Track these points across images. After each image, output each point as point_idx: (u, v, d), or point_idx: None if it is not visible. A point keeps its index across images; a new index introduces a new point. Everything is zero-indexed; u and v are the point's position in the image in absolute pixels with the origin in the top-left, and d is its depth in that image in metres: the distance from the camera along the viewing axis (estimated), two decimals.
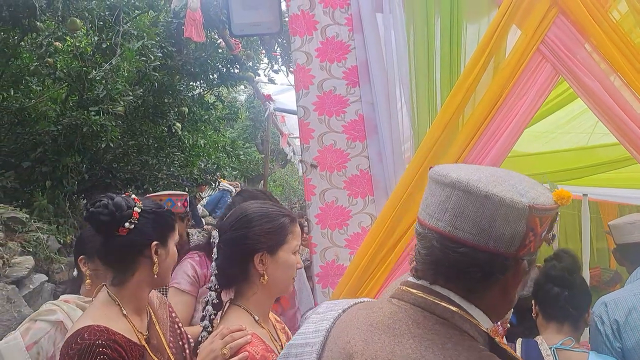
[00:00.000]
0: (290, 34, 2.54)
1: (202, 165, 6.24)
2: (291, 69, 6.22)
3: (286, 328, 1.77)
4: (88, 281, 1.99)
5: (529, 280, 1.13)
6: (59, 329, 1.83)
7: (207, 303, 1.58)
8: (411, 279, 1.10)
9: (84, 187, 5.19)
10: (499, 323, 2.01)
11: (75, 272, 2.19)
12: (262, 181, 8.46)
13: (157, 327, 1.67)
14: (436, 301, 1.02)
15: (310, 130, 2.51)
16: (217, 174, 6.52)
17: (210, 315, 1.57)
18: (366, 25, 2.43)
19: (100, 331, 1.44)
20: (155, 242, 1.58)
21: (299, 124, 2.56)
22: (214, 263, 1.58)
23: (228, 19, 2.94)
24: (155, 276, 1.59)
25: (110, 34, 4.53)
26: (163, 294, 2.80)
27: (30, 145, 4.93)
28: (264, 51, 6.16)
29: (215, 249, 1.59)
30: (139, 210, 1.58)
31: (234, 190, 9.62)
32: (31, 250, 3.59)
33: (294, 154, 9.65)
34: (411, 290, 1.06)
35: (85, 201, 5.26)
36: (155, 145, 5.70)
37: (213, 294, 1.57)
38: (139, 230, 1.56)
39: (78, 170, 4.91)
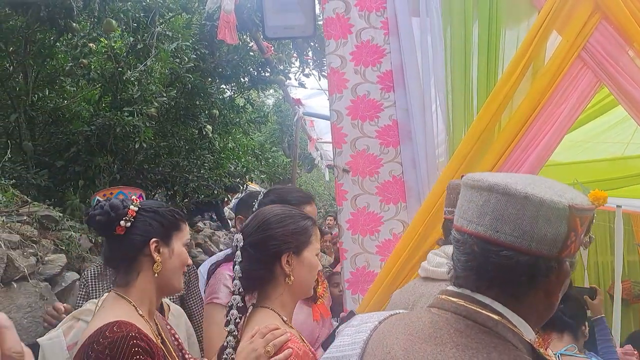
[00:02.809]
0: (324, 37, 2.53)
1: (232, 168, 6.27)
2: (323, 73, 6.21)
3: None
4: None
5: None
6: None
7: (231, 307, 1.57)
8: (451, 287, 1.08)
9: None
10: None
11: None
12: (291, 185, 8.46)
13: (164, 334, 1.66)
14: (478, 309, 1.01)
15: (343, 135, 2.48)
16: (246, 177, 6.54)
17: (235, 319, 1.56)
18: (402, 29, 2.40)
19: (130, 324, 1.40)
20: (154, 239, 1.57)
21: (331, 128, 2.54)
22: (237, 266, 1.57)
23: (261, 22, 2.94)
24: (156, 275, 1.56)
25: (146, 35, 4.60)
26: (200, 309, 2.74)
27: (64, 144, 5.03)
28: (295, 54, 6.16)
29: (238, 252, 1.58)
30: (136, 209, 1.58)
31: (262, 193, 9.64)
32: (64, 248, 3.65)
33: (321, 158, 9.64)
34: (451, 299, 1.05)
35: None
36: (186, 147, 5.75)
37: (237, 297, 1.56)
38: (138, 228, 1.56)
39: (110, 170, 4.99)
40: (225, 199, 8.63)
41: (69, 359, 1.70)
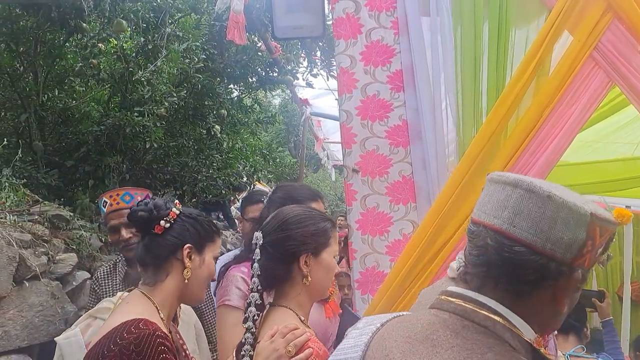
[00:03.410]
0: (334, 37, 2.53)
1: (240, 168, 6.29)
2: (331, 73, 6.20)
3: None
4: None
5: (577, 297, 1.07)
6: None
7: (249, 304, 1.58)
8: (451, 287, 1.08)
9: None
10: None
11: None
12: (299, 183, 8.46)
13: (176, 343, 1.67)
14: (476, 309, 1.00)
15: (353, 135, 2.48)
16: (254, 177, 6.56)
17: (253, 316, 1.57)
18: (412, 29, 2.40)
19: (154, 324, 1.41)
20: (188, 245, 1.60)
21: (340, 129, 2.54)
22: (255, 264, 1.59)
23: (271, 22, 2.95)
24: (186, 282, 1.58)
25: (156, 35, 4.61)
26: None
27: (73, 144, 5.06)
28: (304, 54, 6.17)
29: (257, 250, 1.60)
30: (177, 212, 1.62)
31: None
32: (74, 247, 3.67)
33: (328, 159, 9.64)
34: (450, 299, 1.05)
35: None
36: (195, 147, 5.77)
37: (256, 295, 1.57)
38: (175, 231, 1.60)
39: (119, 170, 5.01)
40: (232, 199, 8.66)
41: None
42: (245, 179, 6.72)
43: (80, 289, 3.58)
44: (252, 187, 7.31)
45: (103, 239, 4.25)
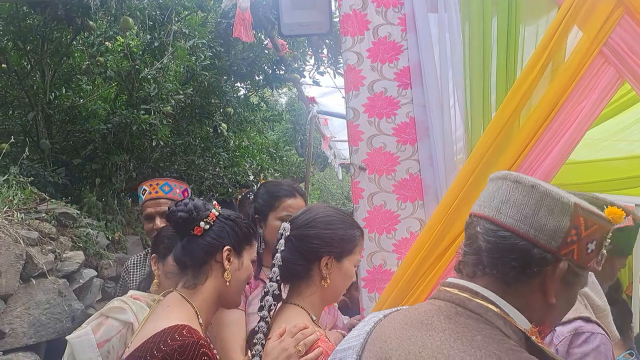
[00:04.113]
0: (340, 33, 2.51)
1: (247, 166, 6.29)
2: (338, 71, 6.18)
3: None
4: (156, 281, 1.99)
5: (575, 297, 1.12)
6: (130, 330, 1.77)
7: (266, 293, 1.58)
8: (450, 279, 1.13)
9: (131, 186, 5.30)
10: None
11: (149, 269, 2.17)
12: (304, 183, 8.45)
13: None
14: (470, 297, 1.05)
15: (360, 133, 2.47)
16: (260, 175, 6.56)
17: (269, 306, 1.57)
18: (420, 25, 2.38)
19: (197, 332, 1.39)
20: (227, 247, 1.58)
21: (347, 126, 2.53)
22: (278, 254, 1.59)
23: (277, 19, 2.94)
24: (227, 284, 1.56)
25: (162, 32, 4.62)
26: None
27: (80, 143, 5.07)
28: (310, 52, 6.15)
29: (282, 241, 1.60)
30: (217, 214, 1.61)
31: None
32: (81, 245, 3.68)
33: (335, 157, 9.63)
34: (447, 288, 1.10)
35: (131, 199, 5.38)
36: (202, 146, 5.77)
37: (274, 284, 1.58)
38: (214, 232, 1.58)
39: (126, 168, 5.02)
40: (237, 197, 8.67)
41: (99, 356, 1.69)
42: (251, 177, 6.73)
43: (87, 287, 3.59)
44: (258, 185, 7.31)
45: (110, 237, 4.26)
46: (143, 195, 2.75)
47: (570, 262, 1.01)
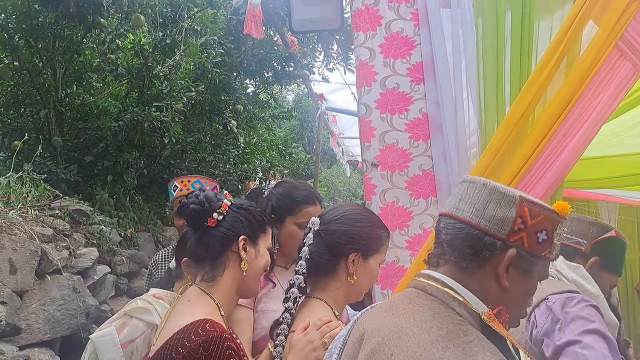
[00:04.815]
0: (352, 29, 2.50)
1: (257, 163, 6.30)
2: (348, 67, 6.16)
3: None
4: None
5: (534, 286, 1.23)
6: (154, 331, 1.72)
7: (292, 285, 1.59)
8: (422, 271, 1.27)
9: (142, 183, 5.33)
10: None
11: (172, 265, 2.13)
12: (313, 180, 8.45)
13: None
14: (430, 283, 1.18)
15: (372, 129, 2.46)
16: (270, 172, 6.57)
17: (295, 298, 1.58)
18: (432, 20, 2.36)
19: (220, 325, 1.39)
20: (243, 237, 1.56)
21: (359, 122, 2.52)
22: (305, 247, 1.60)
23: (288, 15, 2.93)
24: (244, 274, 1.55)
25: (174, 29, 4.63)
26: None
27: (92, 140, 5.10)
28: (320, 48, 6.14)
29: (310, 235, 1.61)
30: (229, 204, 1.58)
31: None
32: (95, 242, 3.71)
33: (343, 154, 9.62)
34: (416, 278, 1.25)
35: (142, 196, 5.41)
36: (212, 143, 5.78)
37: (300, 277, 1.59)
38: (228, 223, 1.56)
39: (137, 166, 5.04)
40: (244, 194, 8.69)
41: (123, 357, 1.66)
42: (261, 174, 6.74)
43: (101, 283, 3.61)
44: (267, 182, 7.33)
45: (122, 234, 4.28)
46: (174, 191, 2.78)
47: (521, 249, 1.14)
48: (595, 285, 2.03)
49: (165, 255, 2.85)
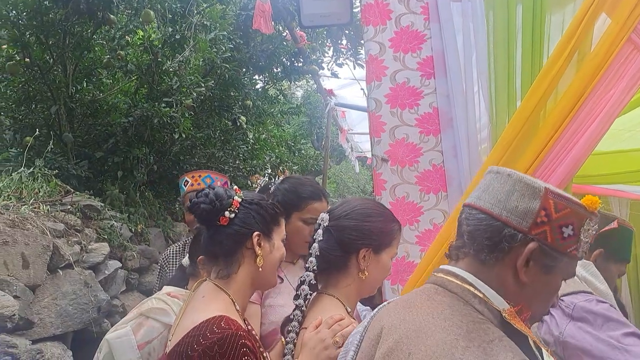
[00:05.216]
0: (362, 23, 2.49)
1: (266, 159, 6.31)
2: (358, 62, 6.14)
3: None
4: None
5: (557, 284, 1.17)
6: (170, 331, 1.67)
7: (302, 282, 1.59)
8: (441, 266, 1.23)
9: (152, 178, 5.35)
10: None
11: (185, 262, 2.12)
12: (322, 177, 8.44)
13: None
14: (450, 279, 1.15)
15: (382, 124, 2.45)
16: (279, 168, 6.57)
17: (305, 295, 1.57)
18: (442, 14, 2.35)
19: (235, 322, 1.37)
20: (257, 233, 1.54)
21: (369, 117, 2.51)
22: (315, 244, 1.59)
23: (297, 10, 2.93)
24: (260, 269, 1.54)
25: (184, 25, 4.63)
26: None
27: (102, 136, 5.13)
28: (329, 43, 6.12)
29: (320, 231, 1.60)
30: (240, 200, 1.56)
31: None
32: (106, 237, 3.73)
33: (352, 150, 9.59)
34: (435, 273, 1.22)
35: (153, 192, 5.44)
36: (222, 138, 5.79)
37: (311, 274, 1.58)
38: (241, 220, 1.54)
39: (147, 161, 5.06)
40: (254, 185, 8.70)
41: (140, 358, 1.64)
42: (269, 170, 6.75)
43: (112, 278, 3.64)
44: (276, 178, 7.33)
45: (132, 229, 4.31)
46: (185, 186, 2.79)
47: (543, 243, 1.09)
48: (604, 283, 2.01)
49: (176, 251, 2.86)
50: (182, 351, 1.32)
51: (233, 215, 1.54)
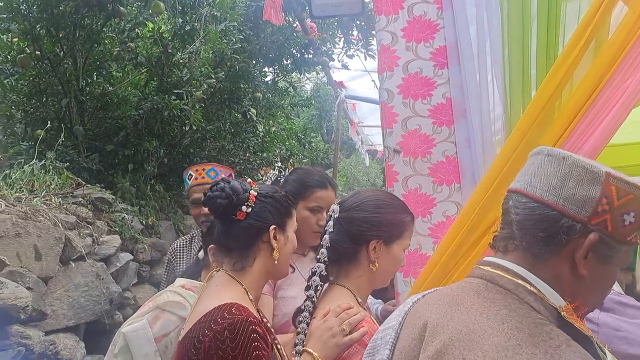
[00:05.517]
0: (374, 13, 2.46)
1: (277, 152, 6.30)
2: (369, 52, 6.10)
3: None
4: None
5: (613, 274, 1.09)
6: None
7: (313, 274, 1.59)
8: (485, 258, 1.14)
9: (162, 171, 5.36)
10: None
11: (200, 255, 2.14)
12: (332, 170, 8.43)
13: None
14: (501, 273, 1.05)
15: (394, 115, 2.42)
16: (290, 161, 6.57)
17: (316, 286, 1.58)
18: (456, 2, 2.31)
19: (247, 309, 1.37)
20: (273, 226, 1.54)
21: (381, 108, 2.48)
22: (326, 236, 1.59)
23: (307, 1, 2.91)
24: (276, 262, 1.54)
25: (194, 16, 4.62)
26: None
27: (113, 129, 5.14)
28: (340, 34, 6.08)
29: (331, 223, 1.60)
30: (256, 194, 1.56)
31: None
32: (117, 229, 3.74)
33: (362, 143, 9.56)
34: (480, 266, 1.12)
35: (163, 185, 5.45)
36: (232, 131, 5.78)
37: (322, 265, 1.58)
38: (257, 214, 1.53)
39: (157, 154, 5.07)
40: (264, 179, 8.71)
41: (157, 351, 1.64)
42: (279, 163, 6.74)
43: (123, 270, 3.65)
44: (286, 171, 7.33)
45: (143, 222, 4.32)
46: (189, 180, 2.77)
47: (603, 233, 0.99)
48: (618, 286, 1.98)
49: (183, 244, 2.86)
50: (193, 337, 1.33)
51: (250, 209, 1.53)
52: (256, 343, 1.30)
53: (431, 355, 0.98)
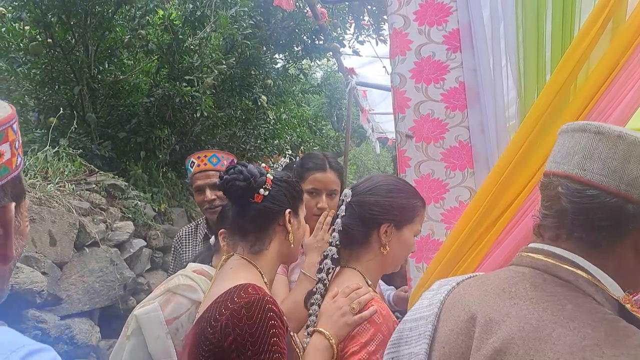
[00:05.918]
0: None
1: (288, 139, 6.30)
2: (380, 38, 6.05)
3: None
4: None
5: None
6: (198, 308, 1.68)
7: (325, 257, 1.61)
8: (532, 244, 1.05)
9: (174, 159, 5.39)
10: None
11: (212, 241, 2.14)
12: (344, 158, 8.40)
13: None
14: (558, 264, 0.96)
15: (406, 99, 2.40)
16: (301, 148, 6.56)
17: (328, 269, 1.60)
18: None
19: (262, 289, 1.39)
20: (289, 210, 1.57)
21: (393, 93, 2.46)
22: (338, 219, 1.62)
23: None
24: (292, 245, 1.58)
25: (204, 1, 4.59)
26: None
27: (125, 116, 5.16)
28: (351, 20, 6.03)
29: (343, 207, 1.63)
30: (272, 178, 1.58)
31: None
32: (130, 216, 3.77)
33: (373, 131, 9.50)
34: (530, 254, 1.02)
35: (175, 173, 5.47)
36: (243, 118, 5.78)
37: (334, 249, 1.61)
38: (273, 197, 1.56)
39: (169, 142, 5.09)
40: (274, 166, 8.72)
41: (168, 334, 1.67)
42: (290, 150, 6.74)
43: (137, 256, 3.68)
44: (296, 158, 7.33)
45: (156, 209, 4.35)
46: (192, 167, 2.78)
47: None
48: None
49: (189, 232, 2.87)
50: (210, 316, 1.34)
51: (267, 192, 1.55)
52: (273, 322, 1.31)
53: (489, 355, 0.89)
